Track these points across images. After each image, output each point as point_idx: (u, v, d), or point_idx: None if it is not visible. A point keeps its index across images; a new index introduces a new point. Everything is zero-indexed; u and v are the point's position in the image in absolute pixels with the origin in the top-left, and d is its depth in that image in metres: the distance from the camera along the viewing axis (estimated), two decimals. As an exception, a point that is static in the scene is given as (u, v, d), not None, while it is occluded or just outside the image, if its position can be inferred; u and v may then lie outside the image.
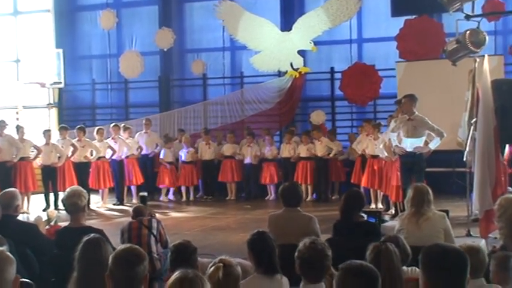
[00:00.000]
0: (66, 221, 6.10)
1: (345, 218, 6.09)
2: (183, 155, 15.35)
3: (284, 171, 14.98)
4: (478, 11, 9.72)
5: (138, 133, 15.32)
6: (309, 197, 14.49)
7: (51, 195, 13.65)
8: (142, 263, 3.52)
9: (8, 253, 3.42)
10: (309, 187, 14.57)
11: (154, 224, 6.99)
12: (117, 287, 3.47)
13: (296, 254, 4.02)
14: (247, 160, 15.16)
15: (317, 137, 14.48)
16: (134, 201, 14.17)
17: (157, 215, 8.56)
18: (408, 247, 4.83)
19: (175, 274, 3.12)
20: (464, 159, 9.65)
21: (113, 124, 15.04)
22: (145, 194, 12.80)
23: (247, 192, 15.32)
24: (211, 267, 3.84)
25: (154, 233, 6.92)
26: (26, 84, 18.43)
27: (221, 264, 3.85)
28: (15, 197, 6.24)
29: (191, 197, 15.39)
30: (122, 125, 15.20)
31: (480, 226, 8.65)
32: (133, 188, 14.91)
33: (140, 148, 15.04)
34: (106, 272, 3.50)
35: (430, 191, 6.12)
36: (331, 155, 14.35)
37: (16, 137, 13.65)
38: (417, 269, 4.42)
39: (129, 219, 7.23)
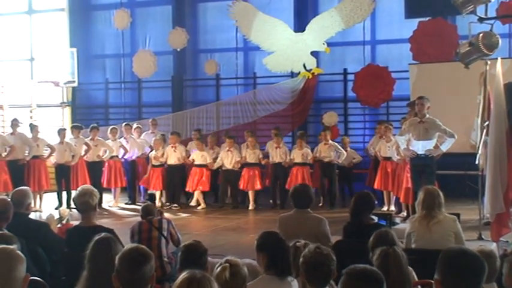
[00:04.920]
0: (78, 220, 6.12)
1: (355, 220, 6.09)
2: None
3: (274, 177, 13.83)
4: (491, 13, 9.68)
5: (144, 133, 15.31)
6: None
7: (64, 194, 13.70)
8: (149, 262, 3.53)
9: (19, 251, 3.44)
10: None
11: (165, 225, 6.97)
12: (124, 287, 3.50)
13: (301, 258, 3.98)
14: (226, 167, 13.81)
15: (325, 140, 13.52)
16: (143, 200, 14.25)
17: (167, 215, 8.58)
18: (398, 242, 4.88)
19: (183, 274, 3.13)
20: (477, 162, 9.62)
21: (125, 123, 15.10)
22: (154, 192, 12.89)
23: (232, 201, 13.98)
24: (217, 267, 3.86)
25: (165, 234, 6.90)
26: (40, 82, 18.54)
27: (227, 264, 3.86)
28: (27, 195, 6.29)
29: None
30: (135, 124, 15.25)
31: (491, 229, 8.62)
32: (142, 188, 14.91)
33: (151, 147, 15.03)
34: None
35: (441, 194, 6.09)
36: (339, 161, 13.53)
37: (30, 135, 13.73)
38: (410, 268, 4.42)
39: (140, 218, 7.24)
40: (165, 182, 14.06)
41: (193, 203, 14.06)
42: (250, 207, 13.59)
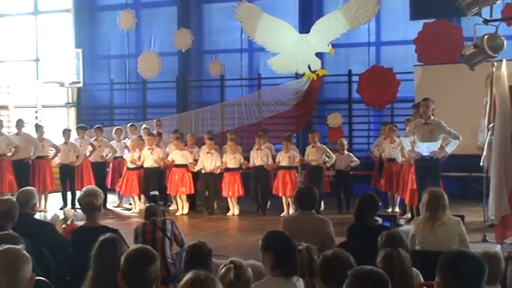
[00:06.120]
0: (82, 220, 6.16)
1: (359, 221, 6.08)
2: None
3: (254, 180, 13.16)
4: (496, 15, 9.69)
5: (148, 134, 15.31)
6: (291, 210, 12.45)
7: (69, 194, 13.73)
8: (154, 263, 3.55)
9: (24, 252, 3.46)
10: (290, 200, 12.49)
11: (169, 226, 6.99)
12: (130, 287, 3.51)
13: (321, 258, 4.02)
14: (206, 169, 13.09)
15: (313, 143, 12.90)
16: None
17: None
18: (408, 242, 4.93)
19: (188, 275, 3.15)
20: (481, 164, 9.61)
21: (130, 124, 15.12)
22: (157, 193, 12.79)
23: (209, 206, 13.30)
24: (222, 268, 3.86)
25: (169, 235, 6.92)
26: (45, 83, 18.56)
27: (232, 265, 3.86)
28: (32, 196, 6.30)
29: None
30: (143, 125, 15.22)
31: (496, 231, 8.62)
32: None
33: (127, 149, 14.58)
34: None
35: (446, 196, 6.09)
36: (327, 165, 12.97)
37: (35, 136, 13.77)
38: (416, 270, 4.42)
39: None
40: (142, 186, 13.44)
41: (173, 207, 13.36)
42: (230, 213, 12.95)
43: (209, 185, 13.16)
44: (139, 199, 13.62)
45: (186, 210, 13.26)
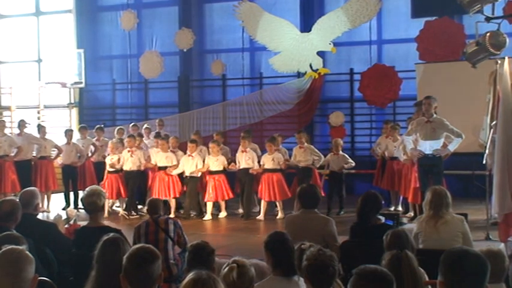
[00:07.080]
0: (85, 220, 6.15)
1: (362, 220, 6.07)
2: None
3: (240, 183, 12.78)
4: (498, 12, 9.66)
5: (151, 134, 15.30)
6: (279, 214, 12.25)
7: (71, 195, 13.73)
8: (156, 260, 3.57)
9: (28, 252, 3.47)
10: (278, 204, 12.32)
11: (171, 226, 6.96)
12: (132, 286, 3.52)
13: (305, 262, 3.88)
14: (187, 172, 12.64)
15: (300, 143, 12.58)
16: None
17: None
18: (413, 240, 4.90)
19: (190, 275, 3.15)
20: (484, 161, 9.59)
21: (132, 124, 15.11)
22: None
23: (187, 210, 12.80)
24: (225, 268, 3.86)
25: (172, 235, 6.89)
26: (47, 84, 18.60)
27: (235, 264, 3.86)
28: (35, 196, 6.31)
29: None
30: (145, 125, 15.22)
31: (499, 230, 8.59)
32: None
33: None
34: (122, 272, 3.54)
35: (449, 194, 6.08)
36: (316, 165, 12.55)
37: (37, 136, 13.80)
38: (421, 269, 4.39)
39: (147, 218, 7.21)
40: (121, 190, 13.00)
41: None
42: (206, 218, 12.46)
43: (189, 188, 12.72)
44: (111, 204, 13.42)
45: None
